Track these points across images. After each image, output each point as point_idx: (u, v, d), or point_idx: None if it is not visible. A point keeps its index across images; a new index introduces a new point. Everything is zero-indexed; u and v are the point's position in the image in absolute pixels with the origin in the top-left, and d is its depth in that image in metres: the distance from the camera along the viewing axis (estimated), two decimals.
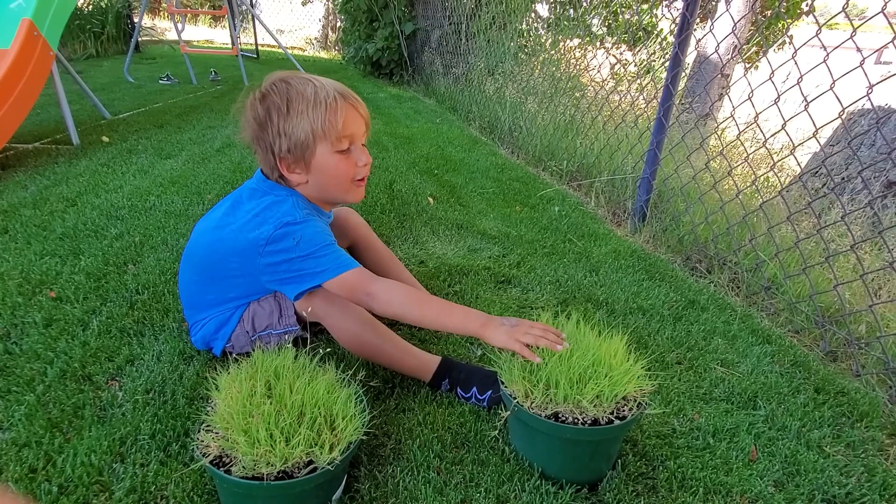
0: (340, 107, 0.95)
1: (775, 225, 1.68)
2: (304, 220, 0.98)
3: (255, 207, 1.03)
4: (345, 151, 0.98)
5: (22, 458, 0.86)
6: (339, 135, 0.96)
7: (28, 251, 1.51)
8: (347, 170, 1.00)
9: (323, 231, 1.00)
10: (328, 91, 0.96)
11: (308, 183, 1.02)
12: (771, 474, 0.97)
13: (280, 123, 0.96)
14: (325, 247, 0.97)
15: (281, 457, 0.72)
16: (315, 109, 0.94)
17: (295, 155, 0.97)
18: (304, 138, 0.95)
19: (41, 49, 2.29)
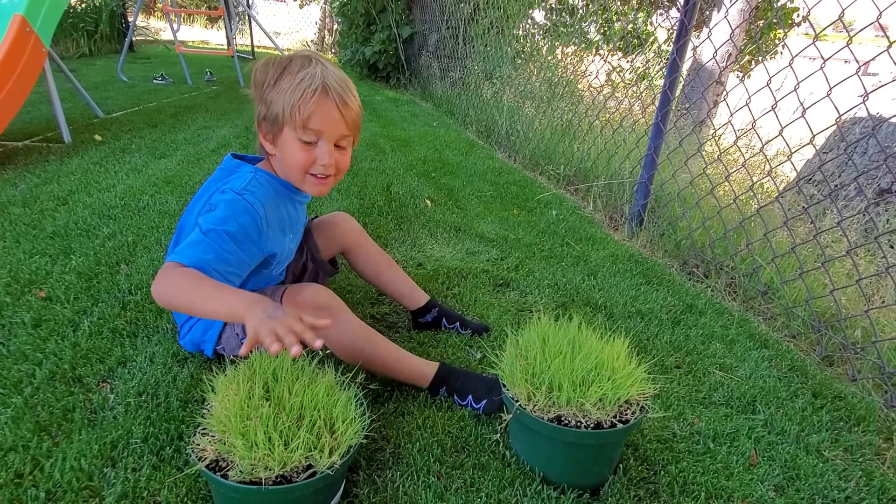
0: (315, 101, 0.91)
1: (772, 230, 1.69)
2: (243, 195, 0.95)
3: (214, 186, 1.02)
4: (309, 143, 0.95)
5: (7, 462, 0.83)
6: (304, 125, 0.92)
7: (17, 250, 1.48)
8: (303, 161, 0.96)
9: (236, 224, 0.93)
10: (316, 82, 0.92)
11: (276, 157, 1.01)
12: (771, 479, 0.97)
13: (266, 91, 0.95)
14: (211, 233, 0.90)
15: (279, 461, 0.70)
16: (292, 93, 0.91)
17: (268, 125, 0.97)
18: (276, 114, 0.94)
19: (33, 45, 2.26)
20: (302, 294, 1.03)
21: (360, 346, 1.02)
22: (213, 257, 0.89)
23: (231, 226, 0.92)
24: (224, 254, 0.90)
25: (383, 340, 1.05)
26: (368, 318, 1.34)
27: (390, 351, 1.05)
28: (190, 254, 0.87)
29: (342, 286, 1.48)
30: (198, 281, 0.84)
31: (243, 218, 0.94)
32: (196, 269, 0.86)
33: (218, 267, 0.89)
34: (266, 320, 0.75)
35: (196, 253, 0.88)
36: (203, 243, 0.89)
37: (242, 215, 0.94)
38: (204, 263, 0.87)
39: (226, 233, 0.91)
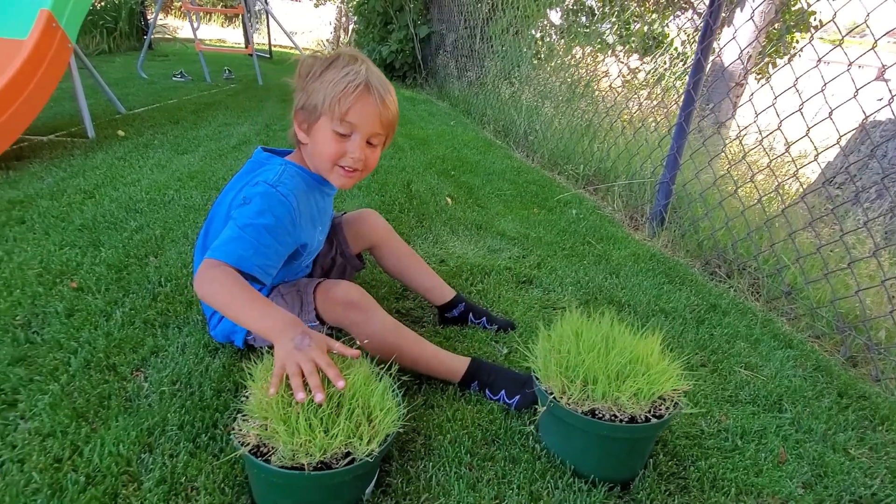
0: (357, 95, 0.94)
1: (796, 231, 1.68)
2: (276, 187, 0.96)
3: (244, 179, 1.04)
4: (343, 136, 0.97)
5: (46, 447, 0.85)
6: (341, 117, 0.95)
7: (47, 242, 1.50)
8: (334, 151, 0.98)
9: (273, 217, 0.94)
10: (360, 78, 0.95)
11: (308, 146, 1.03)
12: (800, 476, 0.97)
13: (310, 81, 0.98)
14: (248, 228, 0.91)
15: (320, 447, 0.71)
16: (335, 85, 0.94)
17: (305, 114, 0.99)
18: (315, 104, 0.96)
19: (59, 41, 2.29)
20: (334, 290, 1.04)
21: (391, 343, 1.02)
22: (252, 252, 0.90)
23: (268, 219, 0.93)
24: (262, 248, 0.92)
25: (413, 336, 1.06)
26: (394, 313, 1.35)
27: (420, 347, 1.06)
28: (229, 250, 0.89)
29: (367, 281, 1.49)
30: (238, 289, 0.85)
31: (279, 210, 0.95)
32: (236, 266, 0.88)
33: (257, 262, 0.91)
34: (293, 352, 0.76)
35: (236, 249, 0.89)
36: (241, 239, 0.90)
37: (278, 207, 0.95)
38: (244, 260, 0.89)
39: (263, 226, 0.92)
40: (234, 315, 0.86)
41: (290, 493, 0.73)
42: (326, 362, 0.76)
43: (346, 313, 1.02)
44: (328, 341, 0.81)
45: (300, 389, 0.72)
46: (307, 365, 0.75)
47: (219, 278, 0.86)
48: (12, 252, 1.42)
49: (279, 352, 0.77)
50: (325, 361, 0.76)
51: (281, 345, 0.78)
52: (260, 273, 0.91)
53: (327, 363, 0.76)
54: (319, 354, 0.76)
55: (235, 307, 0.84)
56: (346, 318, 1.02)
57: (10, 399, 0.94)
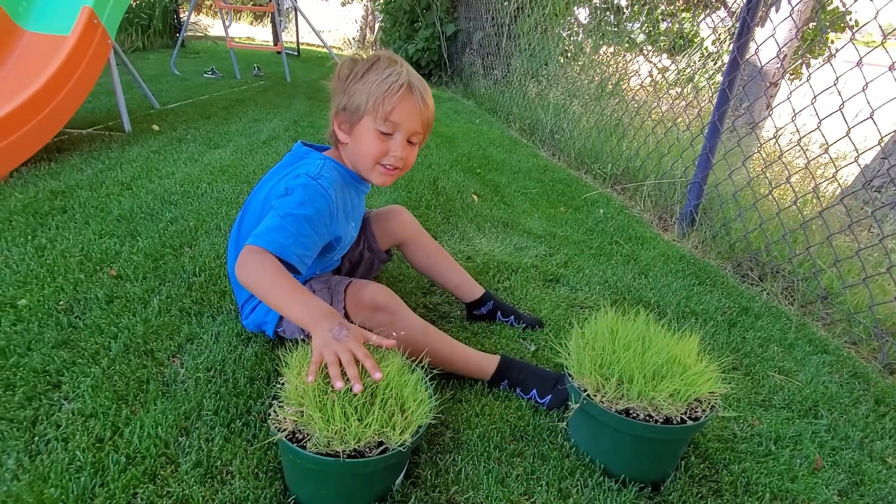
0: (401, 95, 0.97)
1: (834, 234, 1.63)
2: (317, 179, 0.98)
3: (284, 171, 1.06)
4: (385, 135, 0.99)
5: (88, 428, 0.88)
6: (385, 116, 0.97)
7: (87, 231, 1.55)
8: (377, 150, 1.00)
9: (313, 208, 0.95)
10: (402, 79, 0.98)
11: (348, 146, 1.05)
12: (836, 483, 0.95)
13: (351, 83, 1.00)
14: (289, 217, 0.93)
15: (355, 435, 0.72)
16: (379, 86, 0.97)
17: (347, 114, 1.01)
18: (359, 104, 0.98)
19: (100, 37, 2.36)
20: (363, 293, 1.05)
21: (420, 343, 1.02)
22: (292, 242, 0.92)
23: (308, 210, 0.95)
24: (302, 238, 0.93)
25: (442, 336, 1.06)
26: (421, 308, 1.36)
27: (450, 346, 1.06)
28: (271, 239, 0.91)
29: (395, 276, 1.51)
30: (279, 277, 0.87)
31: (319, 202, 0.97)
32: (277, 255, 0.90)
33: (296, 251, 0.92)
34: (331, 341, 0.78)
35: (277, 238, 0.91)
36: (282, 228, 0.92)
37: (318, 199, 0.97)
38: (284, 248, 0.91)
39: (304, 217, 0.94)
40: (273, 301, 0.88)
41: (325, 479, 0.75)
42: (364, 353, 0.77)
43: (374, 315, 1.02)
44: (365, 333, 0.82)
45: (339, 378, 0.74)
46: (345, 355, 0.76)
47: (263, 264, 0.88)
48: (55, 240, 1.47)
49: (317, 340, 0.79)
50: (362, 352, 0.77)
51: (318, 334, 0.79)
52: (298, 262, 0.93)
53: (365, 354, 0.77)
54: (357, 345, 0.78)
55: (276, 294, 0.86)
56: (374, 319, 1.02)
57: (54, 380, 0.97)
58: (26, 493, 0.75)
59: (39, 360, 1.01)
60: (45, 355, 1.02)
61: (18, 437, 0.84)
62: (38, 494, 0.75)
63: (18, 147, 1.95)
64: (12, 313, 1.14)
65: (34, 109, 2.02)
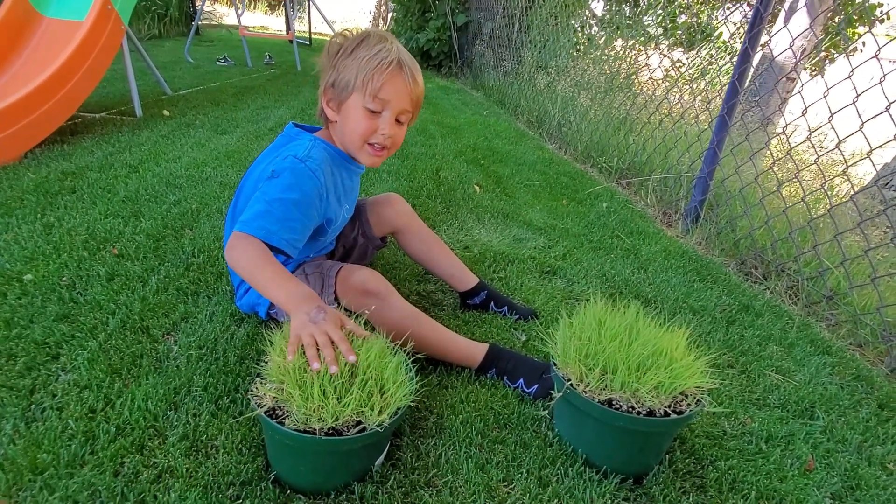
0: (390, 72, 0.95)
1: (842, 232, 1.59)
2: (305, 162, 0.97)
3: (275, 152, 1.05)
4: (374, 112, 0.98)
5: (83, 398, 0.90)
6: (374, 93, 0.95)
7: (93, 210, 1.58)
8: (366, 128, 0.99)
9: (300, 192, 0.95)
10: (392, 55, 0.96)
11: (337, 124, 1.04)
12: (829, 486, 0.93)
13: (340, 59, 0.99)
14: (276, 202, 0.93)
15: (333, 413, 0.72)
16: (369, 62, 0.95)
17: (335, 91, 1.00)
18: (347, 81, 0.97)
19: (114, 22, 2.39)
20: (354, 277, 1.05)
21: (409, 329, 1.01)
22: (280, 227, 0.92)
23: (296, 193, 0.95)
24: (289, 222, 0.93)
25: (431, 323, 1.06)
26: (414, 295, 1.36)
27: (439, 333, 1.06)
28: (258, 225, 0.91)
29: (390, 262, 1.51)
30: (263, 261, 0.88)
31: (307, 185, 0.97)
32: (264, 241, 0.90)
33: (284, 236, 0.93)
34: (307, 324, 0.79)
35: (264, 224, 0.91)
36: (269, 214, 0.92)
37: (306, 182, 0.97)
38: (271, 234, 0.91)
39: (291, 201, 0.94)
40: (257, 285, 0.89)
41: (302, 456, 0.75)
42: (339, 336, 0.78)
43: (364, 300, 1.02)
44: (342, 318, 0.83)
45: (315, 359, 0.75)
46: (321, 337, 0.77)
47: (247, 250, 0.89)
48: (63, 219, 1.50)
49: (294, 322, 0.80)
50: (338, 335, 0.78)
51: (296, 316, 0.80)
52: (287, 246, 0.93)
53: (340, 337, 0.78)
54: (333, 328, 0.79)
55: (259, 278, 0.88)
56: (364, 304, 1.02)
57: (53, 352, 1.00)
58: (21, 457, 0.78)
59: (41, 333, 1.04)
60: (46, 328, 1.05)
61: (17, 405, 0.87)
62: (31, 459, 0.78)
63: (32, 129, 1.99)
64: (18, 287, 1.17)
65: (48, 93, 2.06)
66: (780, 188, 1.75)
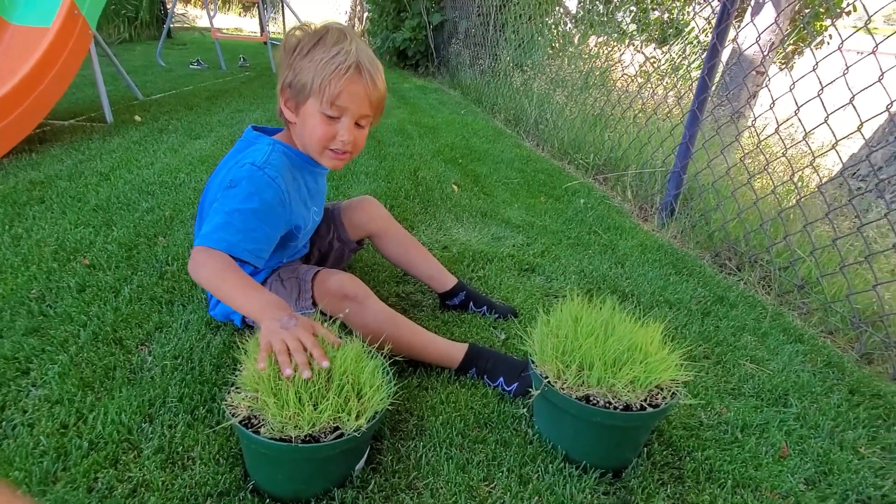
0: (348, 77, 0.92)
1: (812, 222, 1.63)
2: (264, 169, 0.94)
3: (234, 158, 1.02)
4: (332, 118, 0.95)
5: (54, 413, 0.88)
6: (332, 100, 0.92)
7: (63, 220, 1.55)
8: (323, 134, 0.96)
9: (260, 200, 0.93)
10: (350, 59, 0.93)
11: (296, 126, 1.01)
12: (802, 472, 0.95)
13: (297, 59, 0.95)
14: (235, 213, 0.90)
15: (309, 420, 0.72)
16: (325, 66, 0.92)
17: (292, 92, 0.96)
18: (304, 84, 0.93)
19: (80, 28, 2.34)
20: (330, 281, 1.04)
21: (387, 333, 1.01)
22: (241, 238, 0.90)
23: (255, 202, 0.92)
24: (251, 233, 0.91)
25: (410, 325, 1.06)
26: (393, 297, 1.36)
27: (418, 335, 1.06)
28: (219, 238, 0.88)
29: (368, 264, 1.50)
30: (228, 273, 0.86)
31: (266, 193, 0.94)
32: (226, 252, 0.88)
33: (247, 247, 0.90)
34: (278, 330, 0.77)
35: (224, 236, 0.89)
36: (230, 225, 0.90)
37: (265, 190, 0.94)
38: (233, 246, 0.89)
39: (251, 211, 0.91)
40: (223, 297, 0.87)
41: (279, 464, 0.75)
42: (312, 341, 0.76)
43: (341, 304, 1.02)
44: (314, 324, 0.81)
45: (287, 366, 0.73)
46: (293, 342, 0.75)
47: (209, 263, 0.87)
48: (31, 230, 1.46)
49: (264, 330, 0.78)
50: (310, 341, 0.76)
51: (266, 324, 0.79)
52: (251, 257, 0.91)
53: (312, 342, 0.76)
54: (304, 333, 0.77)
55: (224, 289, 0.85)
56: (341, 308, 1.01)
57: (23, 367, 0.98)
58: None
59: (10, 348, 1.01)
60: (15, 343, 1.03)
61: None
62: (2, 477, 0.76)
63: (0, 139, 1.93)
64: None
65: (15, 101, 2.00)
66: (752, 180, 1.79)
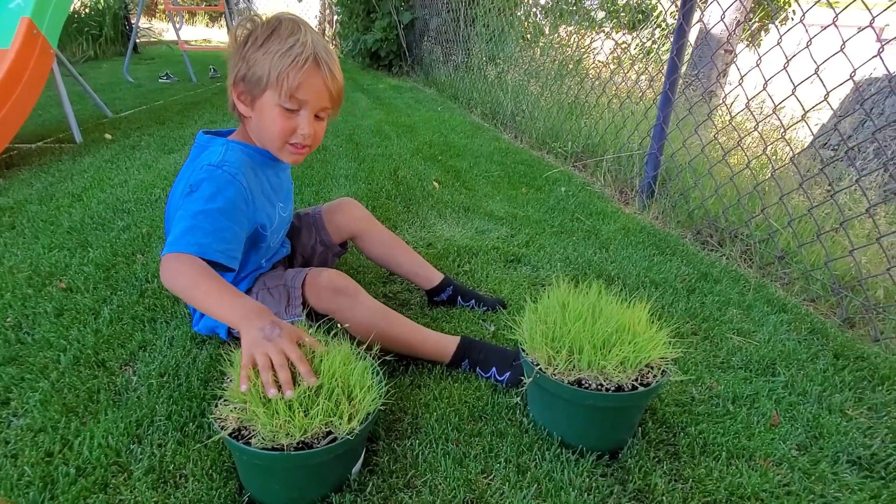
0: (306, 69, 0.90)
1: (787, 193, 1.66)
2: (221, 167, 0.92)
3: (190, 167, 1.01)
4: (291, 111, 0.93)
5: (38, 442, 0.86)
6: (290, 93, 0.90)
7: (36, 245, 1.51)
8: (283, 128, 0.94)
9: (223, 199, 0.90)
10: (307, 51, 0.90)
11: (252, 120, 0.98)
12: (794, 438, 0.96)
13: (250, 51, 0.92)
14: (200, 215, 0.88)
15: (300, 427, 0.71)
16: (282, 58, 0.89)
17: (247, 85, 0.93)
18: (260, 76, 0.91)
19: (41, 48, 2.28)
20: (320, 278, 1.03)
21: (379, 327, 1.01)
22: (211, 239, 0.87)
23: (219, 202, 0.90)
24: (219, 232, 0.89)
25: (401, 319, 1.06)
26: (381, 298, 1.35)
27: (409, 329, 1.05)
28: (188, 242, 0.85)
29: (353, 267, 1.49)
30: (204, 279, 0.82)
31: (229, 190, 0.92)
32: (197, 255, 0.85)
33: (218, 247, 0.88)
34: (261, 341, 0.73)
35: (193, 239, 0.86)
36: (196, 228, 0.87)
37: (227, 188, 0.92)
38: (204, 248, 0.86)
39: (216, 210, 0.89)
40: (201, 306, 0.84)
41: (274, 474, 0.74)
42: (297, 356, 0.73)
43: (334, 299, 1.01)
44: (299, 333, 0.79)
45: (271, 385, 0.70)
46: (277, 357, 0.72)
47: (183, 270, 0.83)
48: (2, 257, 1.43)
49: (246, 340, 0.74)
50: (295, 354, 0.73)
51: (248, 333, 0.75)
52: (224, 258, 0.88)
53: (298, 356, 0.73)
54: (290, 346, 0.74)
55: (202, 298, 0.82)
56: (334, 303, 1.01)
57: (2, 398, 0.95)
58: None
59: None
60: None
61: None
62: None
63: None
64: None
65: None
66: (726, 157, 1.81)
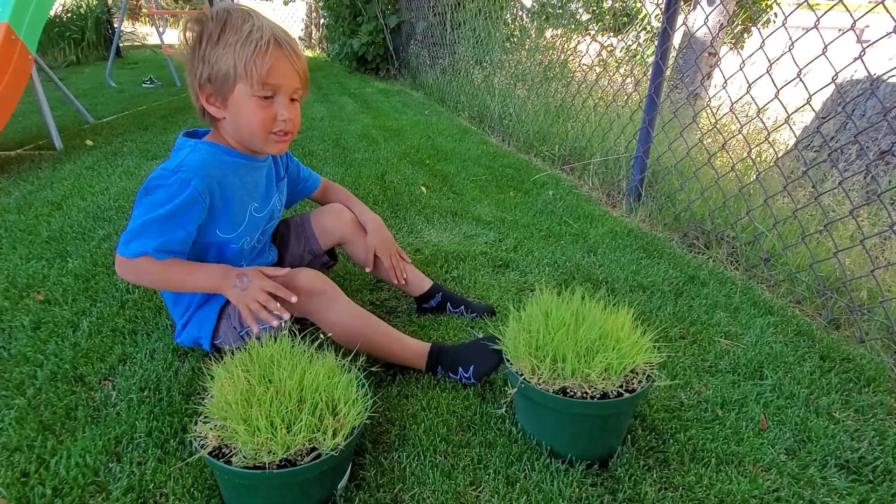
0: (271, 53, 0.88)
1: (772, 196, 1.67)
2: (176, 172, 0.92)
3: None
4: (266, 99, 0.91)
5: (13, 462, 0.83)
6: (262, 80, 0.88)
7: (13, 256, 1.47)
8: (263, 119, 0.92)
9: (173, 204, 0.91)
10: (266, 35, 0.89)
11: (226, 121, 0.96)
12: (782, 442, 0.96)
13: (207, 50, 0.90)
14: (148, 220, 0.90)
15: (283, 444, 0.69)
16: (244, 47, 0.87)
17: (214, 86, 0.91)
18: (226, 72, 0.89)
19: (20, 53, 2.23)
20: (297, 279, 1.02)
21: (357, 329, 1.01)
22: (159, 243, 0.92)
23: (167, 208, 0.92)
24: (167, 235, 0.93)
25: (380, 323, 1.05)
26: (368, 305, 1.33)
27: (387, 333, 1.05)
28: (136, 247, 0.91)
29: (340, 274, 1.47)
30: (166, 268, 0.94)
31: (178, 195, 0.92)
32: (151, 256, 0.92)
33: (165, 249, 0.93)
34: (243, 295, 0.91)
35: (141, 246, 0.91)
36: (145, 233, 0.91)
37: (177, 193, 0.92)
38: (154, 252, 0.92)
39: (163, 217, 0.91)
40: (176, 288, 0.99)
41: (256, 493, 0.72)
42: (272, 285, 0.91)
43: (310, 300, 1.00)
44: (262, 269, 0.95)
45: (271, 319, 0.88)
46: (261, 295, 0.90)
47: (143, 267, 0.93)
48: None
49: (232, 298, 0.93)
50: (270, 285, 0.91)
51: (229, 293, 0.93)
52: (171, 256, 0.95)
53: (273, 286, 0.91)
54: (263, 285, 0.91)
55: (175, 283, 0.97)
56: (311, 305, 1.00)
57: None
58: None
59: None
60: None
61: None
62: None
63: None
64: None
65: None
66: (711, 159, 1.82)
